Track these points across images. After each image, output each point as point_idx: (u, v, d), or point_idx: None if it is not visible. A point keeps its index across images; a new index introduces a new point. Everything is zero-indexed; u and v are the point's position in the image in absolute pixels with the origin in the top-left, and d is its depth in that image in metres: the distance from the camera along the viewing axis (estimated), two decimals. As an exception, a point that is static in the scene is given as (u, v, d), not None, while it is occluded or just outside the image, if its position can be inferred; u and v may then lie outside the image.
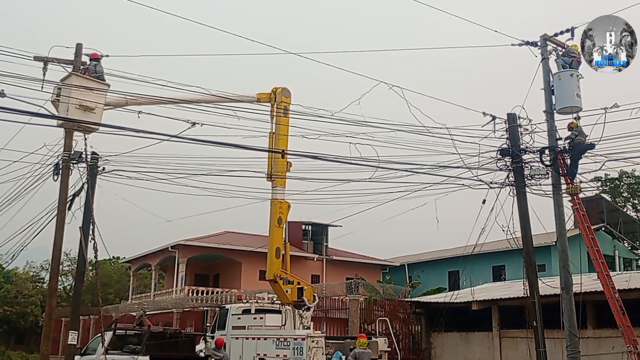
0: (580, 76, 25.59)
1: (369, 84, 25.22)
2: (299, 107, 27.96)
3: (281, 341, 28.15)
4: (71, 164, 27.54)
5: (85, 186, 28.07)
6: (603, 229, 60.71)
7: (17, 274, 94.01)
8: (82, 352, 32.17)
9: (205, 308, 46.30)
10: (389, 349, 30.64)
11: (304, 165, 28.15)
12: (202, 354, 31.90)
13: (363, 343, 27.72)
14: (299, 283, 29.06)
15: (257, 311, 32.18)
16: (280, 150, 27.41)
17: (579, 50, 25.95)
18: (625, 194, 79.62)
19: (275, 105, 28.66)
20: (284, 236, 29.57)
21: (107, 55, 27.68)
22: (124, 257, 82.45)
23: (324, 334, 30.25)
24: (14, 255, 30.41)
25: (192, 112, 23.46)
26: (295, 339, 27.44)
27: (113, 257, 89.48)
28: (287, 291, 28.57)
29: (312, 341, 26.96)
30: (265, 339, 29.32)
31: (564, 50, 26.19)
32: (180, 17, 24.48)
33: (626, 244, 67.13)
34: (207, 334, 33.46)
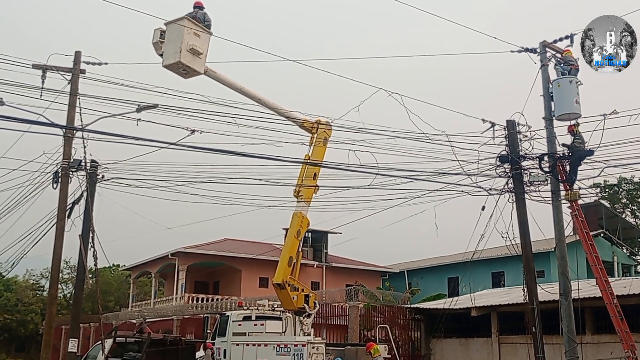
0: (579, 83, 25.58)
1: (369, 91, 25.26)
2: (299, 114, 28.11)
3: (282, 347, 28.12)
4: (70, 172, 27.57)
5: (85, 194, 28.10)
6: (602, 235, 60.60)
7: (17, 282, 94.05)
8: (82, 359, 32.23)
9: (205, 315, 46.27)
10: (389, 356, 30.66)
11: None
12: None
13: (378, 350, 28.01)
14: (302, 290, 29.09)
15: (258, 318, 32.13)
16: (278, 158, 27.45)
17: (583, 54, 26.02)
18: (624, 200, 79.56)
19: (316, 135, 28.88)
20: (299, 247, 29.66)
21: (105, 63, 27.83)
22: (124, 265, 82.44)
23: (324, 341, 30.30)
24: (13, 264, 30.45)
25: (191, 120, 23.51)
26: (296, 346, 27.42)
27: (113, 264, 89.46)
28: (293, 297, 28.57)
29: (313, 347, 26.94)
30: (265, 345, 29.27)
31: (562, 57, 26.21)
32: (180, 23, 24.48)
33: (625, 250, 67.17)
34: (206, 342, 33.52)
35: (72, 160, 27.42)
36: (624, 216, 74.05)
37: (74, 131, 26.57)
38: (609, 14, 25.82)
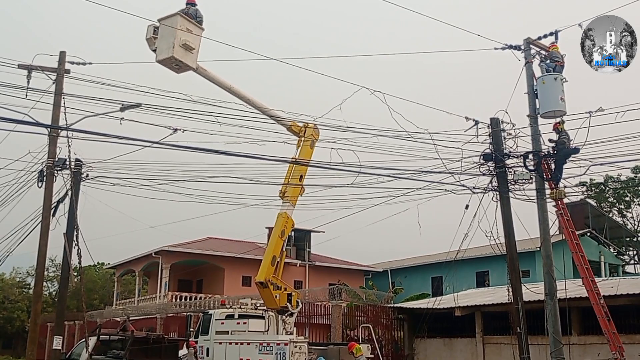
0: (564, 80, 25.49)
1: (351, 88, 25.15)
2: (281, 113, 28.03)
3: (264, 346, 28.09)
4: (55, 171, 27.55)
5: (69, 192, 28.08)
6: (588, 234, 60.67)
7: (3, 279, 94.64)
8: (67, 357, 32.35)
9: (188, 313, 46.18)
10: (372, 356, 30.66)
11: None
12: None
13: (360, 349, 28.05)
14: (285, 289, 29.06)
15: (241, 316, 32.06)
16: (261, 157, 27.36)
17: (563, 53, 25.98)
18: (610, 199, 79.60)
19: (303, 139, 29.07)
20: (282, 247, 29.69)
21: (90, 63, 27.80)
22: (109, 263, 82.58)
23: (307, 340, 30.24)
24: (0, 261, 30.39)
25: (174, 119, 23.44)
26: (278, 344, 27.39)
27: (97, 263, 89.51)
28: (276, 296, 28.56)
29: (295, 346, 26.94)
30: (248, 344, 29.23)
31: (547, 53, 26.13)
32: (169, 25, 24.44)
33: (612, 250, 67.27)
34: (189, 340, 33.49)
35: (56, 159, 27.46)
36: (610, 215, 74.19)
37: (59, 130, 26.64)
38: (603, 12, 25.80)
